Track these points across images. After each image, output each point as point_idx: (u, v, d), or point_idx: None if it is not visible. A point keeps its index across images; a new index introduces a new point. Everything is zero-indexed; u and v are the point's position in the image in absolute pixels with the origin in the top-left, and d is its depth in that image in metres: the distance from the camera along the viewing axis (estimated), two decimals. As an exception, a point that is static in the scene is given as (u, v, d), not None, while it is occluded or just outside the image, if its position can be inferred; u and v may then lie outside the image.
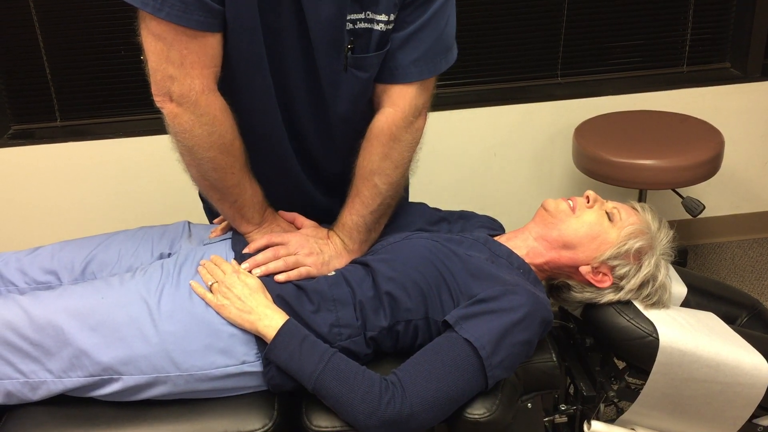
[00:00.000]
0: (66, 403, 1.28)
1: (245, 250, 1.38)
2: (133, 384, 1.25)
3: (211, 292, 1.30)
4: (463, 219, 1.57)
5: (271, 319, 1.25)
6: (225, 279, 1.31)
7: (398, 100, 1.35)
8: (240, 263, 1.37)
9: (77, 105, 2.58)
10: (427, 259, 1.33)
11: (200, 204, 1.68)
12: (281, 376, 1.26)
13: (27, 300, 1.29)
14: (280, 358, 1.23)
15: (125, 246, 1.44)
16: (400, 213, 1.52)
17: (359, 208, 1.41)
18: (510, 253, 1.41)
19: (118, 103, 2.58)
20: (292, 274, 1.35)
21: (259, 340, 1.27)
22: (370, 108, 1.42)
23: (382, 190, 1.40)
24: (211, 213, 1.69)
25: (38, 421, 1.26)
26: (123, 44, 2.48)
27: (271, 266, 1.35)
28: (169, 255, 1.42)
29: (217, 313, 1.28)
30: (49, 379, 1.26)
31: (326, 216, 1.51)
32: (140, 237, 1.47)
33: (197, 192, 1.69)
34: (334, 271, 1.38)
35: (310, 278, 1.36)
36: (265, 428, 1.25)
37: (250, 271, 1.34)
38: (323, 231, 1.46)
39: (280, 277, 1.34)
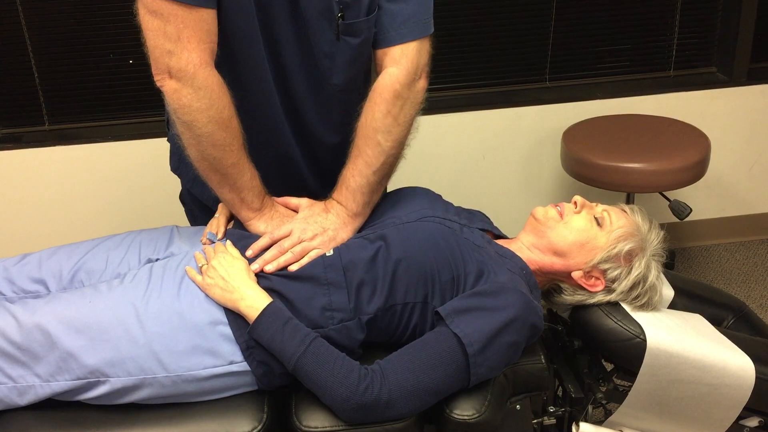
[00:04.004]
0: (54, 407, 1.28)
1: (248, 254, 1.37)
2: (120, 386, 1.25)
3: (201, 274, 1.32)
4: (467, 212, 1.57)
5: (253, 300, 1.26)
6: (212, 259, 1.32)
7: (401, 59, 1.39)
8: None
9: (66, 109, 2.56)
10: (438, 246, 1.34)
11: (188, 208, 1.68)
12: (269, 372, 1.27)
13: (15, 307, 1.29)
14: (262, 338, 1.24)
15: (113, 253, 1.44)
16: (410, 194, 1.53)
17: (362, 168, 1.41)
18: (513, 255, 1.41)
19: (107, 107, 2.57)
20: (303, 261, 1.35)
21: (243, 339, 1.27)
22: (365, 75, 1.48)
23: (386, 148, 1.40)
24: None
25: (26, 426, 1.26)
26: (112, 48, 2.47)
27: (281, 260, 1.35)
28: (157, 260, 1.42)
29: (205, 294, 1.29)
30: (37, 383, 1.25)
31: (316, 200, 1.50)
32: (128, 243, 1.46)
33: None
34: (332, 250, 1.36)
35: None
36: (255, 430, 1.25)
37: (262, 271, 1.33)
38: (320, 205, 1.45)
39: (292, 268, 1.34)
